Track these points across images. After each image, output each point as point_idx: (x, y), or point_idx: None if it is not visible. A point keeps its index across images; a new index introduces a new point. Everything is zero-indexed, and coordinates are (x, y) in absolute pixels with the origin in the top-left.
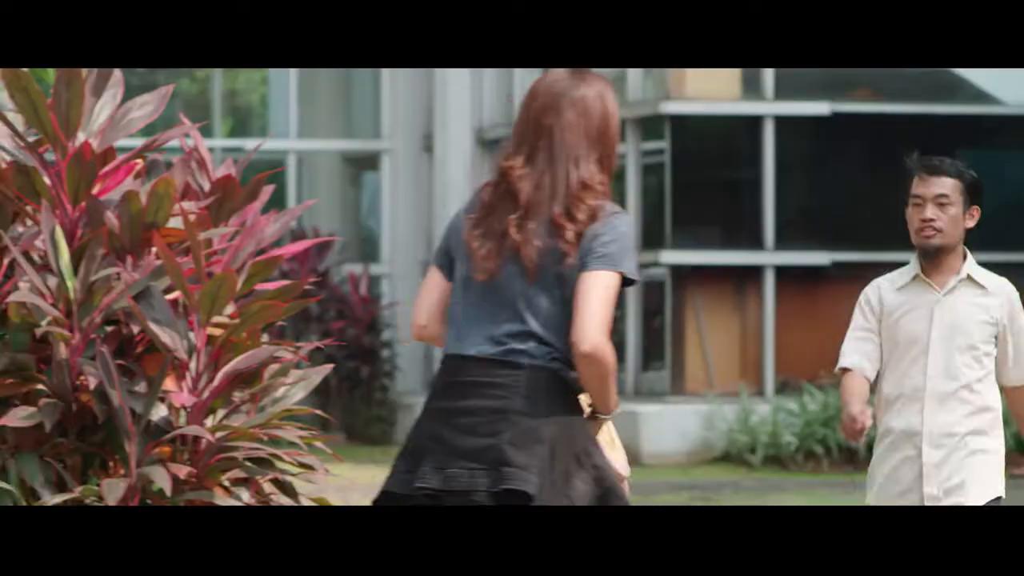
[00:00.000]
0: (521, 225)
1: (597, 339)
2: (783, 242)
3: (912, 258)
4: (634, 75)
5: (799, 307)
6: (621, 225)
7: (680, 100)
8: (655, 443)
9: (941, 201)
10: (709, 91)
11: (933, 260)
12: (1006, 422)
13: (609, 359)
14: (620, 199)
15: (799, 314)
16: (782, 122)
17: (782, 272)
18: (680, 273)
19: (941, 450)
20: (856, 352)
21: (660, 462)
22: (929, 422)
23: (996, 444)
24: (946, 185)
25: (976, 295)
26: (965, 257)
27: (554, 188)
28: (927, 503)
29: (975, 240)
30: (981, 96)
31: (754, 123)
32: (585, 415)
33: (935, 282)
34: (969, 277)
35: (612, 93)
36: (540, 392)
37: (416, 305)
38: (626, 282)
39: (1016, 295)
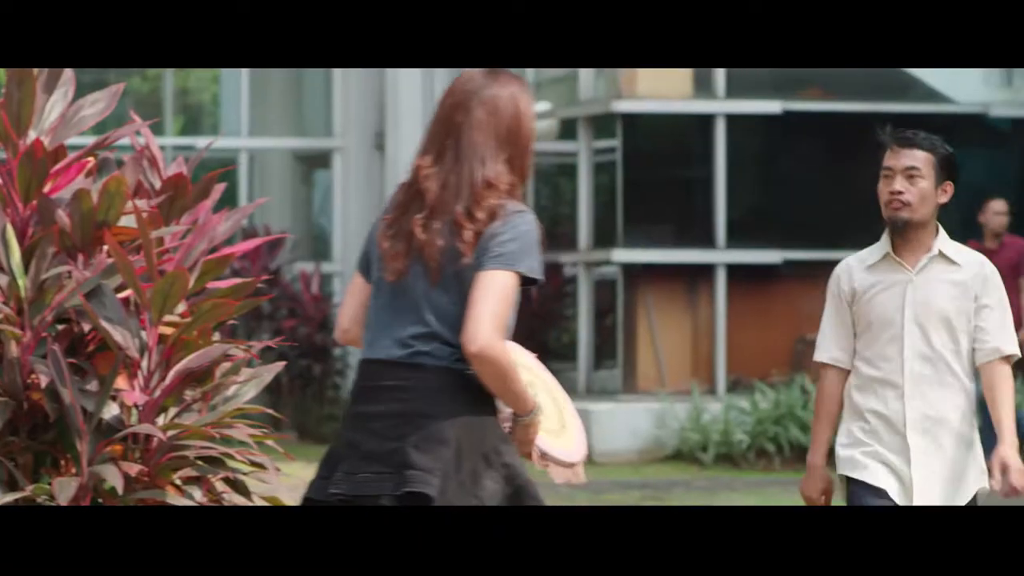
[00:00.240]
0: (426, 225)
1: (485, 340)
2: (735, 240)
3: (884, 235)
4: (585, 74)
5: (751, 306)
6: (522, 224)
7: (632, 99)
8: (607, 441)
9: (911, 174)
10: (661, 90)
11: (904, 236)
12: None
13: (501, 359)
14: (572, 197)
15: (751, 312)
16: (734, 121)
17: (734, 270)
18: (632, 271)
19: (927, 436)
20: (833, 345)
21: (612, 460)
22: (911, 407)
23: (974, 429)
24: (917, 158)
25: (949, 271)
26: (938, 233)
27: (459, 187)
28: (918, 489)
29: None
30: (932, 95)
31: (706, 122)
32: (506, 417)
33: (906, 260)
34: (940, 253)
35: (527, 94)
36: (444, 393)
37: (340, 309)
38: (528, 282)
39: (991, 269)
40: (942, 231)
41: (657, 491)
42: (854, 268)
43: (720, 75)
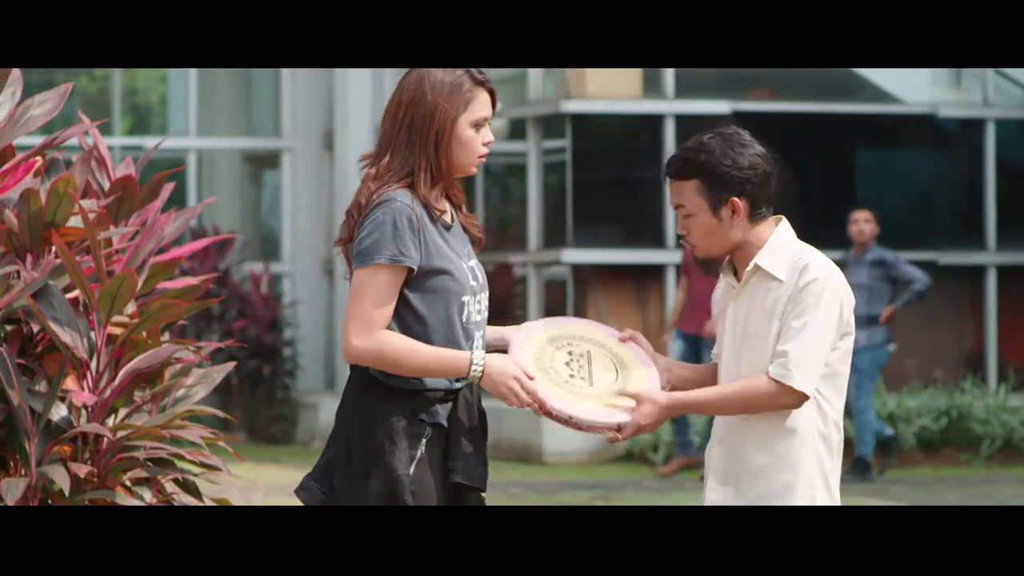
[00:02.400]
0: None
1: (348, 347)
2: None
3: None
4: (535, 74)
5: None
6: (380, 215)
7: (581, 99)
8: (558, 442)
9: (682, 212)
10: (609, 90)
11: (733, 256)
12: (907, 420)
13: (375, 355)
14: (521, 197)
15: None
16: (683, 121)
17: None
18: (581, 272)
19: (726, 489)
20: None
21: (563, 461)
22: (716, 452)
23: (793, 480)
24: (681, 192)
25: (768, 288)
26: (770, 241)
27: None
28: None
29: (879, 239)
30: (880, 95)
31: (655, 122)
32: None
33: (738, 277)
34: (757, 267)
35: (450, 81)
36: (353, 392)
37: None
38: (411, 272)
39: (809, 281)
40: (775, 239)
41: (608, 492)
42: (717, 286)
43: (669, 75)
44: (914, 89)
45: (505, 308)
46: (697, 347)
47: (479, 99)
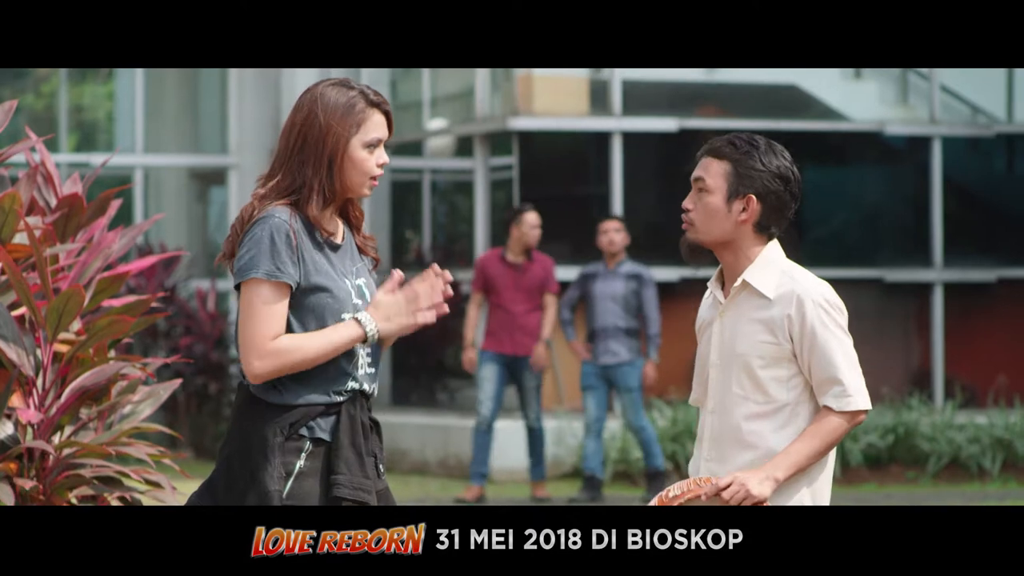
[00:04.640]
0: None
1: (254, 370)
2: (632, 258)
3: None
4: (482, 91)
5: None
6: (258, 231)
7: (528, 116)
8: (504, 459)
9: (699, 186)
10: (557, 107)
11: (721, 262)
12: (854, 437)
13: (279, 365)
14: (469, 214)
15: None
16: (630, 138)
17: None
18: None
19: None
20: (696, 383)
21: (510, 478)
22: (706, 469)
23: (780, 501)
24: (708, 168)
25: (758, 307)
26: (759, 256)
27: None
28: None
29: (826, 256)
30: (828, 113)
31: (602, 139)
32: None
33: (726, 291)
34: (745, 283)
35: (345, 104)
36: (237, 410)
37: None
38: (296, 287)
39: (813, 299)
40: (765, 254)
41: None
42: (704, 298)
43: (616, 92)
44: (861, 106)
45: (452, 325)
46: (513, 369)
47: (372, 120)
